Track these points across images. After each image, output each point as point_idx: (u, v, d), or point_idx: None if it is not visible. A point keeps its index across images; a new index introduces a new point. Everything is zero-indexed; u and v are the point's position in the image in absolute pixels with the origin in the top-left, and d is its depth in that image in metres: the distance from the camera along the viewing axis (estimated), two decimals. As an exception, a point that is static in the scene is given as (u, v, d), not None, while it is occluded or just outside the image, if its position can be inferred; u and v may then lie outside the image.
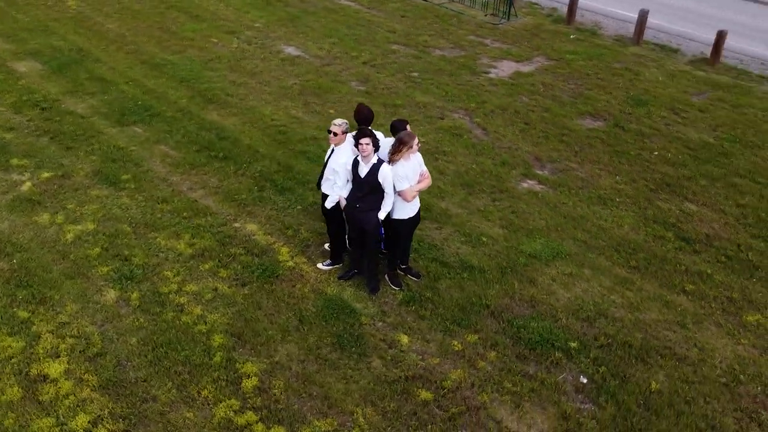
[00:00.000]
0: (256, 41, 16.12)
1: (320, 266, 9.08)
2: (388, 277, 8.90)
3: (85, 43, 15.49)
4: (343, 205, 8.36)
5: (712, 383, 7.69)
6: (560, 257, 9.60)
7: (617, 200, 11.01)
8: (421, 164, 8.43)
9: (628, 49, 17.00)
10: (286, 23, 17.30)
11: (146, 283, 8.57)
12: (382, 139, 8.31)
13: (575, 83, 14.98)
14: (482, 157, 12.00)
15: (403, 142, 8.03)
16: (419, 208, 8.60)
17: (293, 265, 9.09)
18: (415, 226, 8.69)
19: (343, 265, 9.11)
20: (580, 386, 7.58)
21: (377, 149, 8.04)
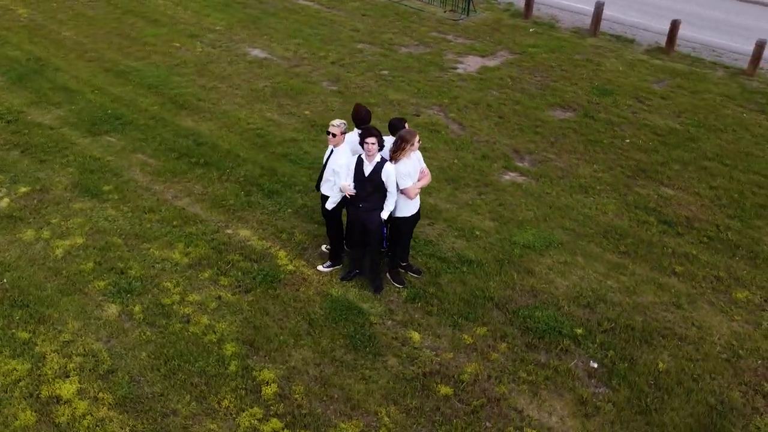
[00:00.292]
0: (220, 44, 15.87)
1: (320, 268, 9.03)
2: (390, 275, 8.92)
3: (42, 52, 14.95)
4: (352, 193, 8.18)
5: (714, 360, 7.99)
6: (553, 246, 9.79)
7: (598, 188, 11.29)
8: (420, 161, 8.48)
9: (586, 40, 17.42)
10: (247, 25, 17.08)
11: (147, 295, 8.37)
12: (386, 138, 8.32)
13: (541, 76, 15.27)
14: (462, 151, 12.13)
15: (405, 140, 8.06)
16: (419, 205, 8.65)
17: (293, 268, 9.01)
18: (416, 223, 8.74)
19: (343, 266, 9.09)
20: (591, 371, 7.76)
21: (382, 148, 8.05)
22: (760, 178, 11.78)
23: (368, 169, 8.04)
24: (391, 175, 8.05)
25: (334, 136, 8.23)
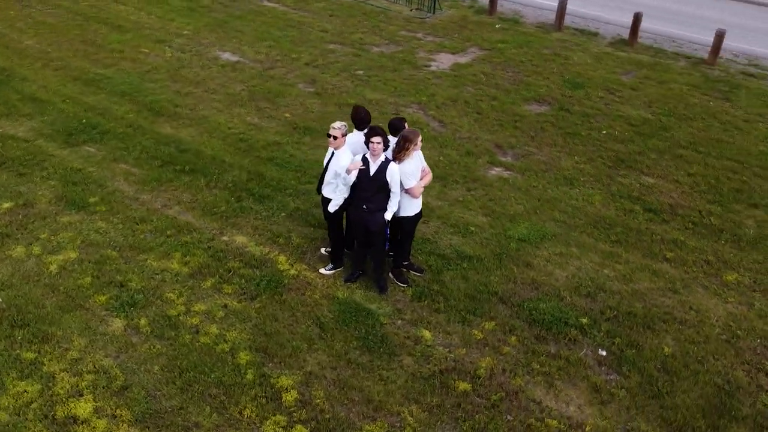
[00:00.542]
0: (189, 49, 15.60)
1: (323, 271, 8.99)
2: (393, 275, 8.94)
3: (5, 61, 14.45)
4: (362, 167, 8.11)
5: (715, 341, 8.25)
6: (547, 239, 9.96)
7: (582, 179, 11.52)
8: (422, 160, 8.52)
9: (551, 35, 17.72)
10: (215, 29, 16.84)
11: (151, 307, 8.20)
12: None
13: (513, 71, 15.48)
14: (447, 148, 12.22)
15: (408, 140, 8.09)
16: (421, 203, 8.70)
17: (296, 273, 8.95)
18: (419, 221, 8.78)
19: (344, 268, 9.06)
20: (601, 359, 7.93)
21: (386, 148, 8.06)
22: (733, 163, 12.19)
23: (373, 168, 8.05)
24: (395, 174, 8.06)
25: (335, 138, 8.19)
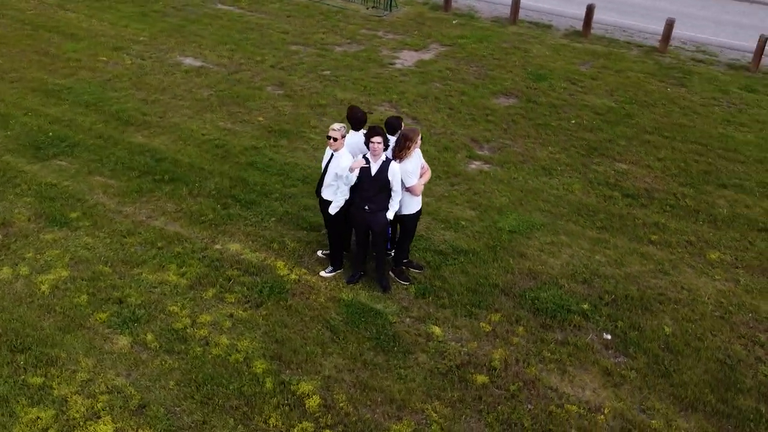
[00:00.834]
0: (149, 55, 15.21)
1: (323, 274, 8.94)
2: (394, 273, 8.96)
3: (-44, 75, 13.82)
4: (363, 164, 8.09)
5: (710, 318, 8.58)
6: (536, 229, 10.15)
7: (559, 169, 11.78)
8: (420, 158, 8.56)
9: (507, 28, 18.02)
10: (172, 34, 16.46)
11: (155, 322, 7.99)
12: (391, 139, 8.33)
13: (476, 65, 15.68)
14: (424, 145, 12.17)
15: (409, 138, 8.12)
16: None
17: (296, 277, 8.87)
18: (419, 218, 8.82)
19: (344, 269, 9.03)
20: (607, 343, 8.14)
21: (387, 148, 8.06)
22: (697, 146, 12.67)
23: (374, 168, 8.04)
24: (396, 173, 8.08)
25: (335, 140, 8.14)
